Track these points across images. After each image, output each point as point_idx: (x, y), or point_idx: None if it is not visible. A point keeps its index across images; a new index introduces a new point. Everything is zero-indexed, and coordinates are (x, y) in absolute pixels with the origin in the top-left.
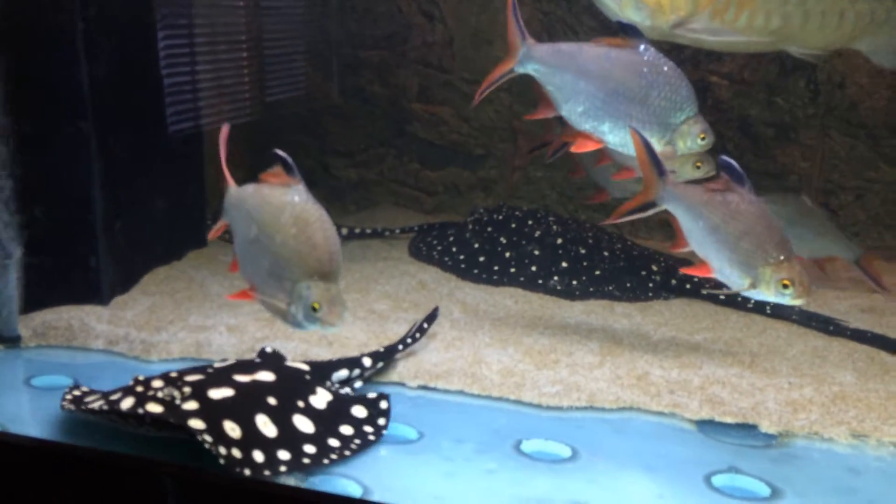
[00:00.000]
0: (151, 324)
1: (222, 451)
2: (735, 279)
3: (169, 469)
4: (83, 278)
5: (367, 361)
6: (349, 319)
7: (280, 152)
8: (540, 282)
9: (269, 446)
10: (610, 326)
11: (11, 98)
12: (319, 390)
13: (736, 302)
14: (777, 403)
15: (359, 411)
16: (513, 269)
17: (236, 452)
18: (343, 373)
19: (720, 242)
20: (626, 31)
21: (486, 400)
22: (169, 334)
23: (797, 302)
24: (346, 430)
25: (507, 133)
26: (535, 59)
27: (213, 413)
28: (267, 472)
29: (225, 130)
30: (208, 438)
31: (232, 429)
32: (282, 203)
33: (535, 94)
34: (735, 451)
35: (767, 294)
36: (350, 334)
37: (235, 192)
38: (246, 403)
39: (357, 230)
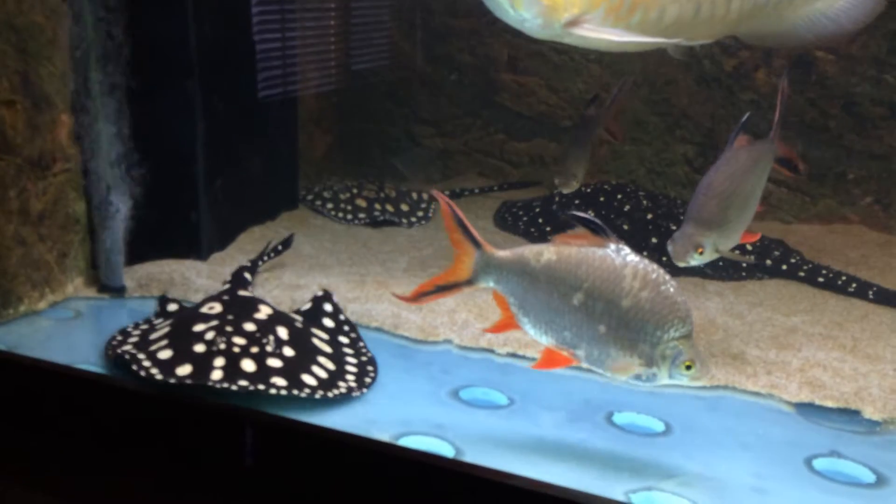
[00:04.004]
0: None
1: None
2: None
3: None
4: (184, 233)
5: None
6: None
7: (581, 214)
8: None
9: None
10: (702, 304)
11: (124, 56)
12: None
13: (836, 285)
14: (881, 389)
15: None
16: None
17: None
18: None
19: None
20: None
21: (575, 370)
22: (264, 291)
23: None
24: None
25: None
26: None
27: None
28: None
29: (446, 208)
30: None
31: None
32: (618, 266)
33: (625, 64)
34: (836, 436)
35: None
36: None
37: (510, 257)
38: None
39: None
